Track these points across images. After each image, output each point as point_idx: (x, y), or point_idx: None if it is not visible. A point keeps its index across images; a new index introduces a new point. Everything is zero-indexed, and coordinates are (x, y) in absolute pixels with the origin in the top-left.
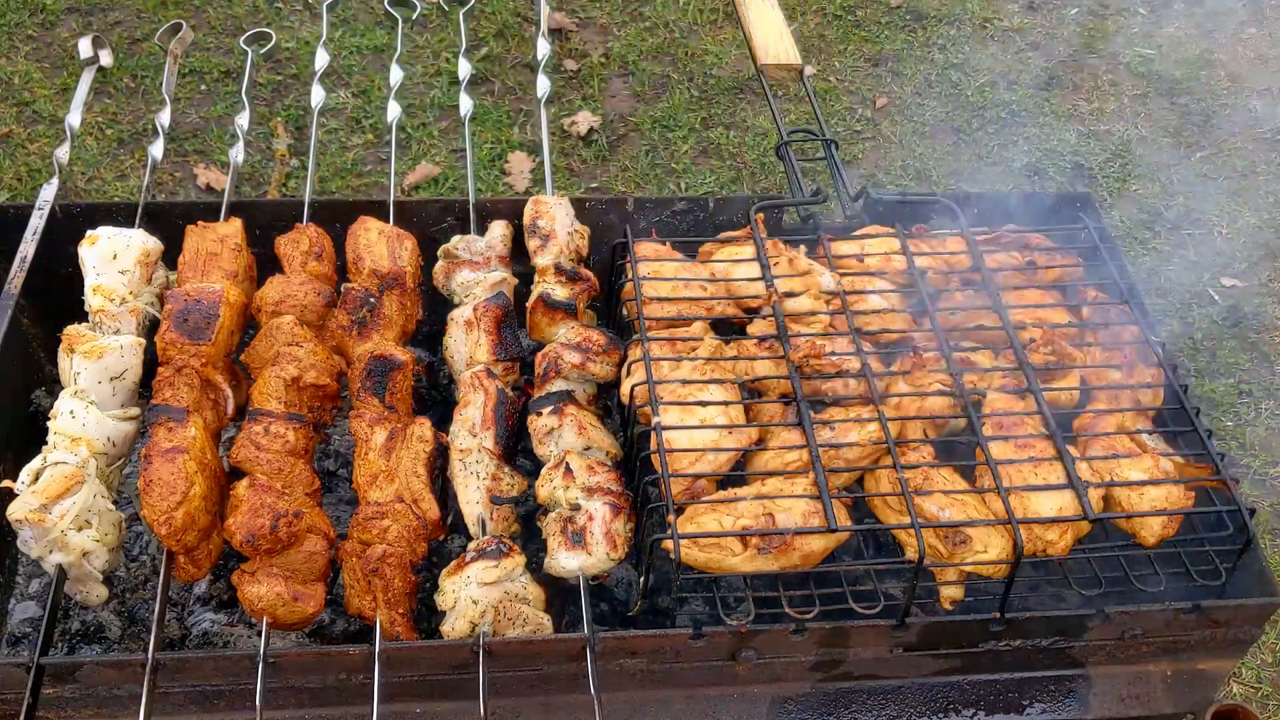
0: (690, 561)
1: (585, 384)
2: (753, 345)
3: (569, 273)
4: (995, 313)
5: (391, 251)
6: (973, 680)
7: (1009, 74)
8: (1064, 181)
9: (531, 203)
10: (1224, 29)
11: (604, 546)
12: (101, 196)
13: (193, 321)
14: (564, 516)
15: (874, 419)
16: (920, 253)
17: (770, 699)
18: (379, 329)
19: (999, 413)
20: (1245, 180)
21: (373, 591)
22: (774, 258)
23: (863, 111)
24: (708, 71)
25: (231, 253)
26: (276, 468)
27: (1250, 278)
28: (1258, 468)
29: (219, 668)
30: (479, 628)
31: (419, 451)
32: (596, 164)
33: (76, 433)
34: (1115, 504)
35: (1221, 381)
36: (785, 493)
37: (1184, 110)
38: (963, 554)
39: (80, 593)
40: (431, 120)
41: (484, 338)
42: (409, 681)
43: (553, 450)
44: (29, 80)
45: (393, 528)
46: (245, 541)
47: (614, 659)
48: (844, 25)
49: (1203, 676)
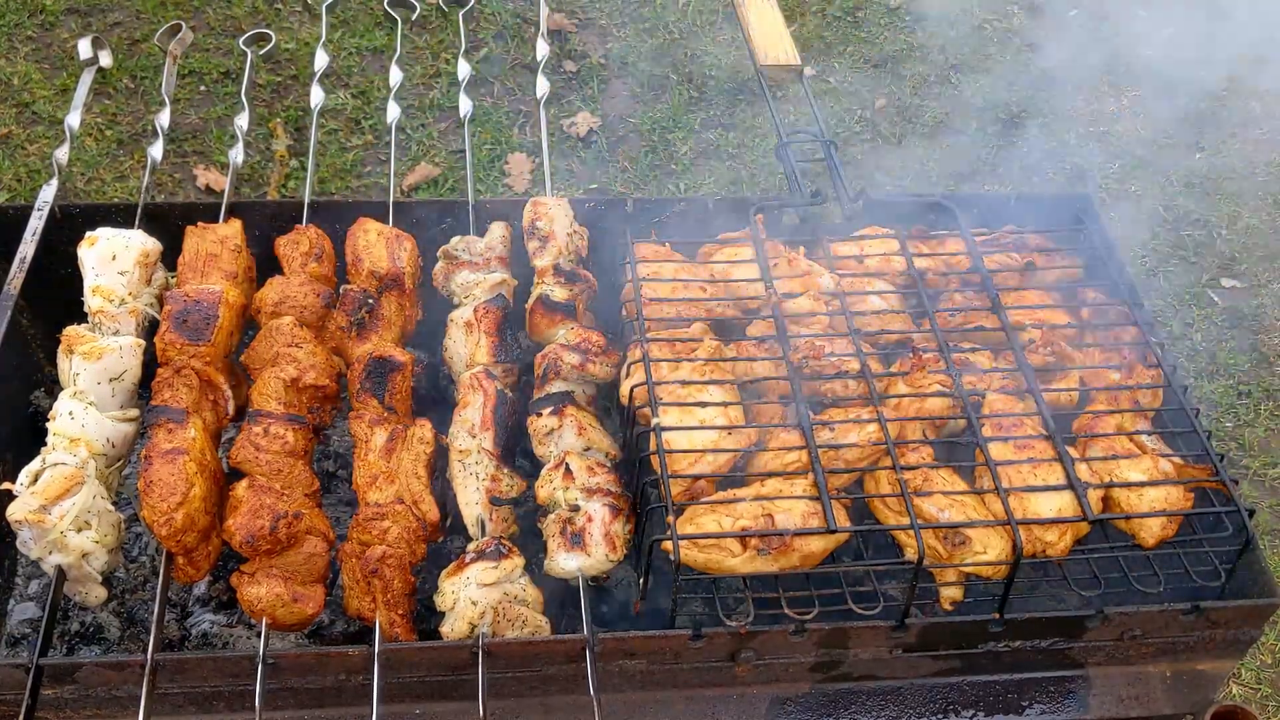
0: (690, 562)
1: (585, 385)
2: (752, 346)
3: (568, 274)
4: (994, 314)
5: (390, 252)
6: (972, 681)
7: (1008, 74)
8: (1064, 182)
9: (530, 204)
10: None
11: (603, 548)
12: (101, 197)
13: (192, 322)
14: (563, 518)
15: (873, 420)
16: (919, 254)
17: (770, 699)
18: (378, 330)
19: (998, 413)
20: (1245, 180)
21: (372, 592)
22: (773, 259)
23: (862, 112)
24: (707, 72)
25: (231, 254)
26: (276, 469)
27: (1250, 278)
28: (1257, 469)
29: (218, 669)
30: (478, 629)
31: (420, 453)
32: (596, 165)
33: (76, 434)
34: (1115, 505)
35: (1221, 382)
36: (785, 493)
37: (1184, 110)
38: (962, 555)
39: (79, 594)
40: (431, 121)
41: (484, 339)
42: (408, 682)
43: (553, 451)
44: (29, 81)
45: (393, 529)
46: (245, 542)
47: (613, 660)
48: (844, 26)
49: (1202, 677)
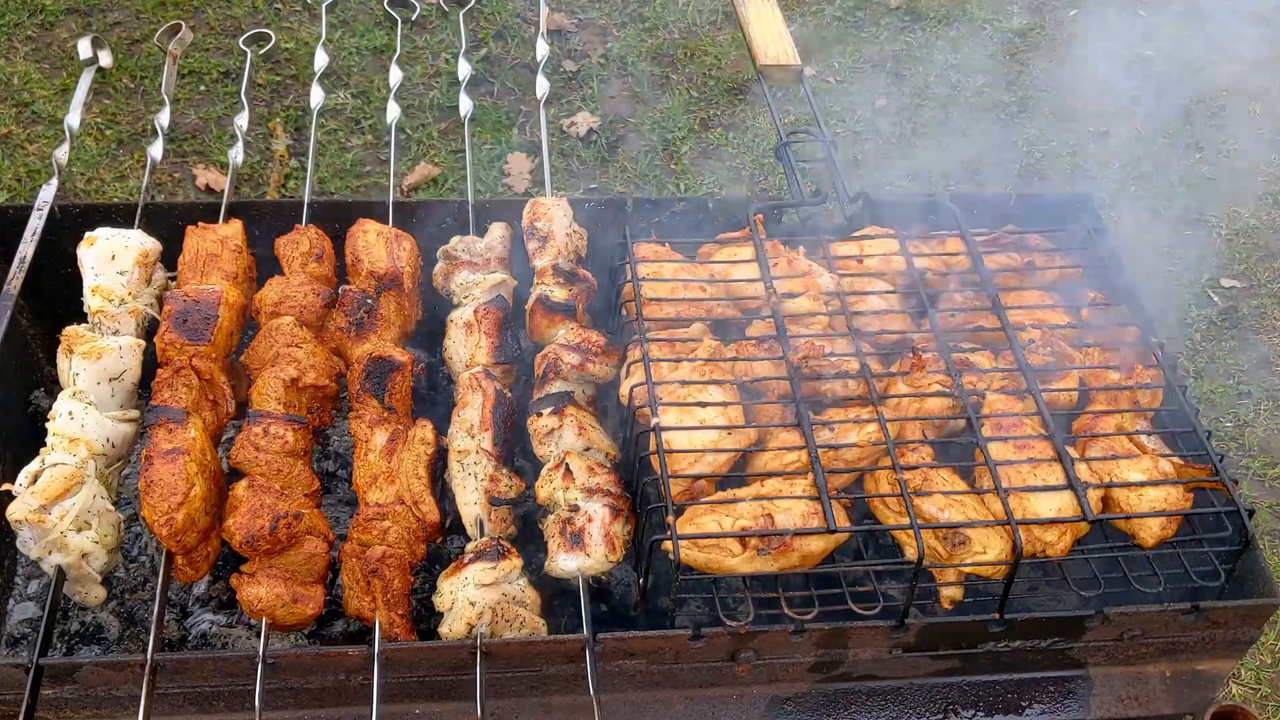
0: (690, 562)
1: (585, 385)
2: (752, 346)
3: (567, 274)
4: (994, 314)
5: (390, 252)
6: (972, 681)
7: (1009, 74)
8: (1064, 182)
9: (530, 204)
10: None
11: (602, 548)
12: (100, 197)
13: (192, 322)
14: (563, 518)
15: (873, 420)
16: (919, 254)
17: (769, 699)
18: (377, 330)
19: (998, 413)
20: (1245, 180)
21: (372, 592)
22: (773, 259)
23: (862, 112)
24: (707, 72)
25: (231, 254)
26: (276, 469)
27: (1250, 278)
28: (1257, 469)
29: (218, 669)
30: (476, 629)
31: (421, 453)
32: (596, 165)
33: (75, 434)
34: (1114, 505)
35: (1221, 382)
36: (784, 493)
37: (1184, 110)
38: (962, 555)
39: (79, 593)
40: (431, 121)
41: (484, 339)
42: (408, 682)
43: (553, 451)
44: (28, 81)
45: (393, 529)
46: (245, 542)
47: (613, 660)
48: (843, 26)
49: (1202, 677)
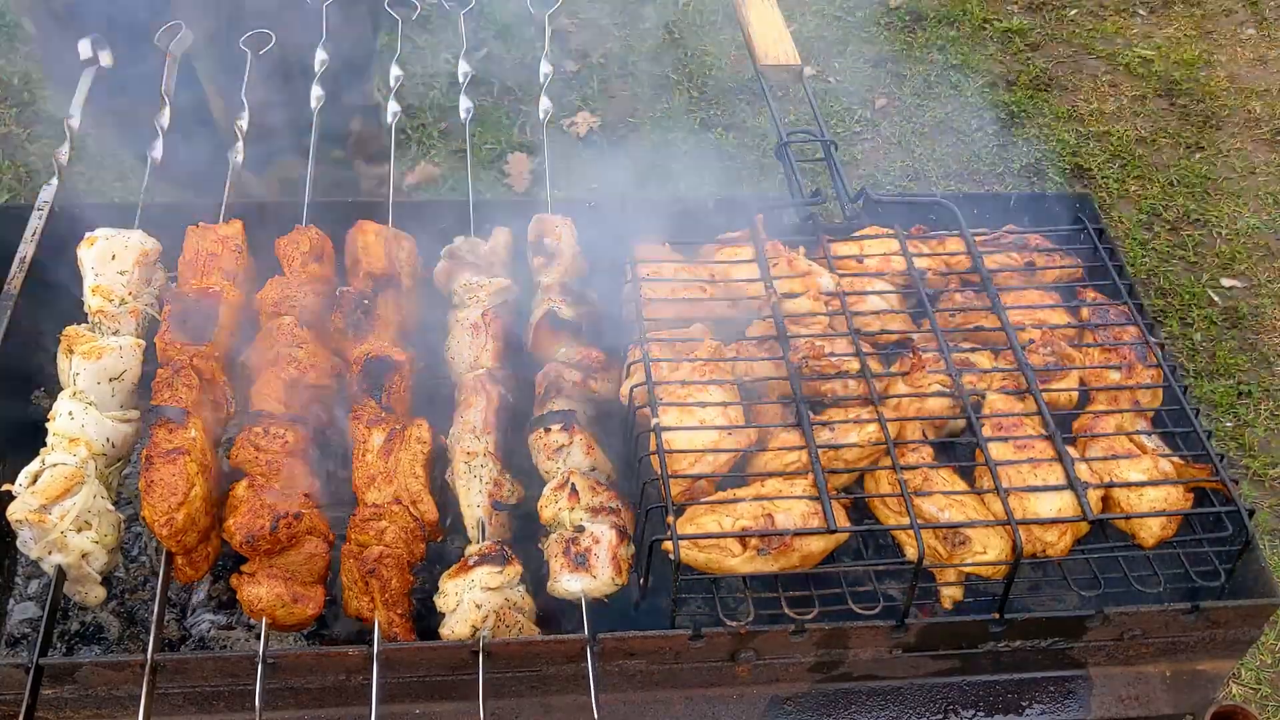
0: (690, 562)
1: (586, 404)
2: (752, 346)
3: (576, 294)
4: (994, 314)
5: (389, 252)
6: (972, 681)
7: (1009, 74)
8: (1063, 182)
9: (536, 220)
10: (1223, 30)
11: (609, 570)
12: (101, 197)
13: (192, 322)
14: (566, 538)
15: (873, 420)
16: (919, 254)
17: (769, 699)
18: (375, 329)
19: (998, 413)
20: (1245, 180)
21: (370, 592)
22: (773, 259)
23: (862, 112)
24: (707, 72)
25: (232, 254)
26: (276, 469)
27: (1250, 278)
28: (1257, 468)
29: (218, 669)
30: (480, 632)
31: (418, 453)
32: (596, 165)
33: (75, 434)
34: (1114, 505)
35: (1221, 382)
36: (784, 493)
37: (1184, 110)
38: (962, 555)
39: (79, 593)
40: (431, 121)
41: (491, 343)
42: (408, 682)
43: (560, 467)
44: (29, 80)
45: (389, 529)
46: (245, 542)
47: (613, 660)
48: (843, 26)
49: (1202, 677)
